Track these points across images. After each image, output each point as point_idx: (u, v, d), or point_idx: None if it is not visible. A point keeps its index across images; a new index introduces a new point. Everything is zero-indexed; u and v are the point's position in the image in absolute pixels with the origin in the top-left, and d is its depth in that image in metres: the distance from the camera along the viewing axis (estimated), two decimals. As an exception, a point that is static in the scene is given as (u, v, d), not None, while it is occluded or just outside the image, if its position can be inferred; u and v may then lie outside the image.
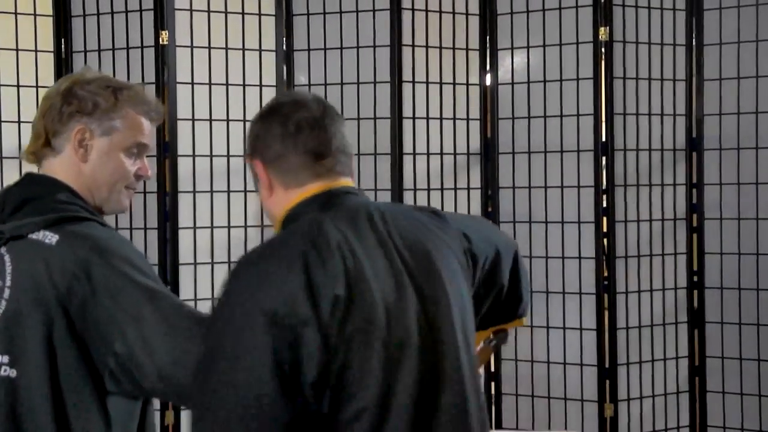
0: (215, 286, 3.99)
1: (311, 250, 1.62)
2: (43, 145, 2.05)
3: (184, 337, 1.85)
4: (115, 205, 2.10)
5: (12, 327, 1.90)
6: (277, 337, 1.53)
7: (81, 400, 1.89)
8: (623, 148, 4.13)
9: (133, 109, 2.07)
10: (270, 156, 1.77)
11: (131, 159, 2.08)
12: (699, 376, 4.28)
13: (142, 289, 1.87)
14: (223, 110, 4.03)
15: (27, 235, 1.94)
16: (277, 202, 1.79)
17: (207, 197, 4.01)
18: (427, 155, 4.11)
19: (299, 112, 1.78)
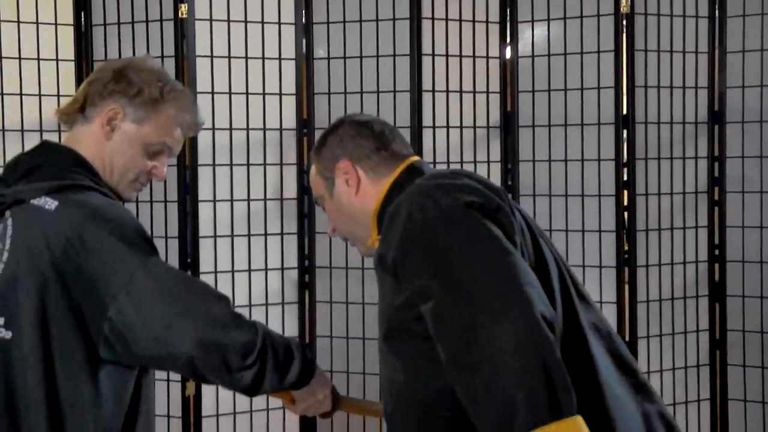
0: (235, 259, 4.01)
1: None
2: (78, 110, 2.09)
3: (178, 302, 1.87)
4: (122, 192, 2.12)
5: (8, 290, 1.94)
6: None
7: (71, 366, 1.92)
8: (644, 121, 4.10)
9: (172, 111, 2.09)
10: (361, 154, 1.95)
11: (150, 156, 2.10)
12: (720, 349, 4.27)
13: (135, 255, 1.89)
14: (243, 83, 4.03)
15: (29, 201, 1.97)
16: (366, 194, 1.95)
17: (227, 170, 4.01)
18: (447, 128, 4.10)
19: (370, 119, 2.03)
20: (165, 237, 3.95)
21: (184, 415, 3.95)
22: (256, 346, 1.92)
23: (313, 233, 4.14)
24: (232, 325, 1.89)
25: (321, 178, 2.03)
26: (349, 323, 4.09)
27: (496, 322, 1.53)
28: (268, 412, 4.06)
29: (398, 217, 1.74)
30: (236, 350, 1.89)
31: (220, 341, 1.87)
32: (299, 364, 2.02)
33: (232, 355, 1.88)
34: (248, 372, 1.92)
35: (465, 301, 1.58)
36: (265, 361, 1.94)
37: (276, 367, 1.96)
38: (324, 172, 2.02)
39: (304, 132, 4.14)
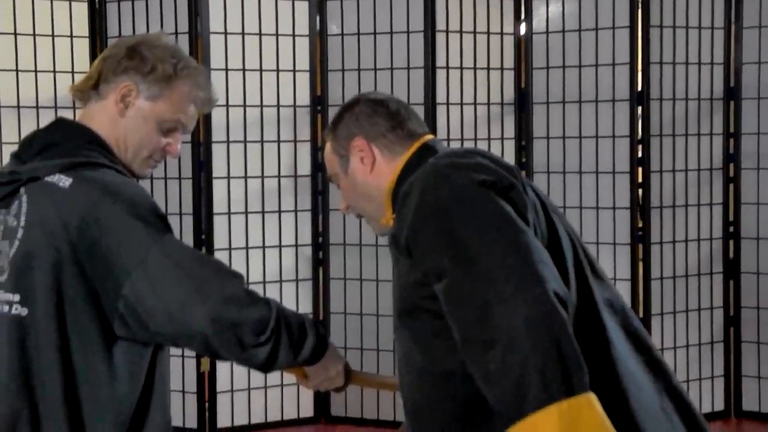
0: (249, 236, 4.01)
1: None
2: (92, 87, 2.08)
3: (192, 280, 1.87)
4: (136, 169, 2.12)
5: (23, 267, 1.94)
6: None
7: (86, 343, 1.92)
8: (659, 97, 4.08)
9: (186, 88, 2.08)
10: (376, 132, 1.92)
11: (164, 133, 2.10)
12: (734, 326, 4.26)
13: (149, 233, 1.89)
14: (257, 60, 4.02)
15: (43, 178, 1.97)
16: (381, 172, 1.92)
17: (241, 147, 4.01)
18: (461, 105, 4.09)
19: (385, 97, 1.98)
20: (179, 214, 3.95)
21: (199, 391, 3.97)
22: (269, 324, 1.92)
23: (327, 210, 4.14)
24: (246, 303, 1.89)
25: (336, 156, 2.03)
26: (363, 300, 4.10)
27: (508, 300, 1.54)
28: (283, 388, 4.08)
29: (411, 197, 1.74)
30: (250, 327, 1.89)
31: (234, 319, 1.87)
32: (312, 341, 2.02)
33: (246, 332, 1.88)
34: (262, 349, 1.92)
35: (478, 279, 1.58)
36: (279, 338, 1.94)
37: (290, 343, 1.97)
38: (339, 150, 2.01)
39: (318, 109, 4.13)
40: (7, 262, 2.01)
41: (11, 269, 2.00)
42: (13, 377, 1.97)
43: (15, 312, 1.98)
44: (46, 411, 1.96)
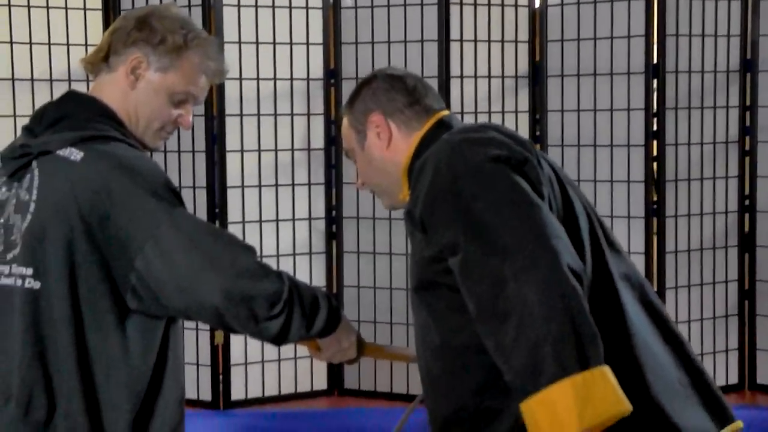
0: (263, 209, 4.00)
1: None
2: (102, 60, 2.07)
3: (204, 254, 1.87)
4: (147, 141, 2.11)
5: (36, 241, 1.94)
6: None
7: (99, 316, 1.92)
8: (675, 70, 4.05)
9: (196, 59, 2.06)
10: (393, 108, 1.93)
11: (176, 105, 2.09)
12: (748, 299, 4.24)
13: (161, 207, 1.88)
14: (270, 33, 4.00)
15: (55, 152, 1.97)
16: (398, 148, 1.93)
17: (254, 121, 4.00)
18: (475, 78, 4.06)
19: (403, 73, 1.97)
20: (193, 187, 3.95)
21: (213, 364, 3.98)
22: (282, 296, 1.91)
23: (341, 183, 4.13)
24: (259, 276, 1.89)
25: (352, 131, 2.03)
26: (377, 273, 4.09)
27: (523, 275, 1.54)
28: (296, 361, 4.08)
29: (426, 172, 1.74)
30: (263, 300, 1.88)
31: (247, 292, 1.87)
32: (325, 314, 2.02)
33: (259, 305, 1.88)
34: (275, 322, 1.92)
35: (492, 254, 1.58)
36: (292, 311, 1.93)
37: (302, 316, 1.96)
38: (356, 125, 2.01)
39: (332, 82, 4.12)
40: (20, 235, 2.01)
41: (24, 243, 2.00)
42: (27, 350, 1.97)
43: (28, 286, 1.98)
44: (61, 383, 1.97)
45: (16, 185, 2.02)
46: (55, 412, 1.96)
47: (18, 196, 2.02)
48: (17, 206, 2.02)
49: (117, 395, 1.97)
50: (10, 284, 1.99)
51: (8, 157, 2.05)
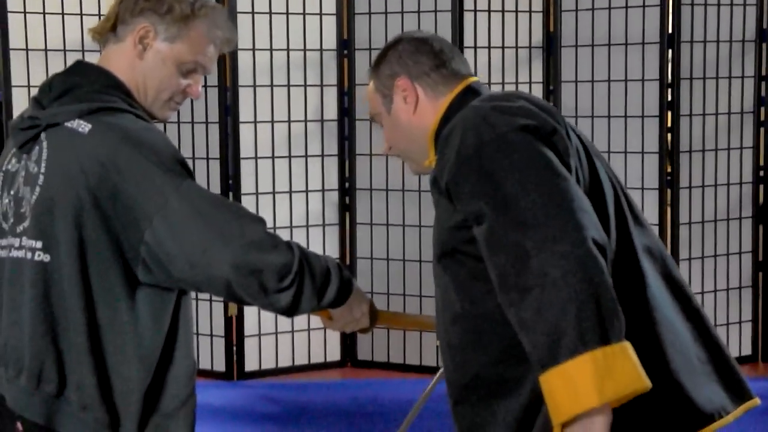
0: (276, 181, 3.98)
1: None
2: (110, 29, 2.05)
3: (213, 226, 1.85)
4: (156, 112, 2.09)
5: (45, 213, 1.93)
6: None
7: (109, 289, 1.91)
8: (690, 39, 3.99)
9: (204, 28, 2.04)
10: (419, 71, 1.89)
11: (184, 74, 2.07)
12: (762, 271, 4.21)
13: (169, 179, 1.86)
14: (283, 3, 3.96)
15: (63, 123, 1.95)
16: (425, 113, 1.90)
17: (267, 92, 3.97)
18: (488, 49, 4.02)
19: (429, 36, 1.94)
20: (206, 158, 3.93)
21: (227, 335, 3.97)
22: (292, 268, 1.89)
23: (354, 155, 4.10)
24: (269, 248, 1.86)
25: (379, 95, 1.99)
26: (390, 245, 4.07)
27: (547, 247, 1.52)
28: (310, 333, 4.07)
29: (453, 140, 1.72)
30: (272, 273, 1.86)
31: (256, 264, 1.85)
32: (336, 285, 2.00)
33: (269, 277, 1.86)
34: (285, 294, 1.90)
35: (517, 225, 1.56)
36: (302, 282, 1.91)
37: (313, 288, 1.94)
38: (382, 89, 1.98)
39: (345, 53, 4.08)
40: (30, 208, 2.00)
41: (33, 215, 1.99)
42: (38, 323, 1.97)
43: (38, 258, 1.97)
44: (71, 356, 1.96)
45: (25, 157, 2.01)
46: (66, 384, 1.96)
47: (27, 168, 2.00)
48: (26, 178, 2.00)
49: (128, 368, 1.96)
50: (21, 257, 1.98)
51: (17, 128, 2.04)
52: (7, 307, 2.02)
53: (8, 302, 2.01)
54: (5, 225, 2.04)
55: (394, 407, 3.83)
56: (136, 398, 1.97)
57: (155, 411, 2.01)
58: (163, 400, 2.01)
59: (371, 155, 4.07)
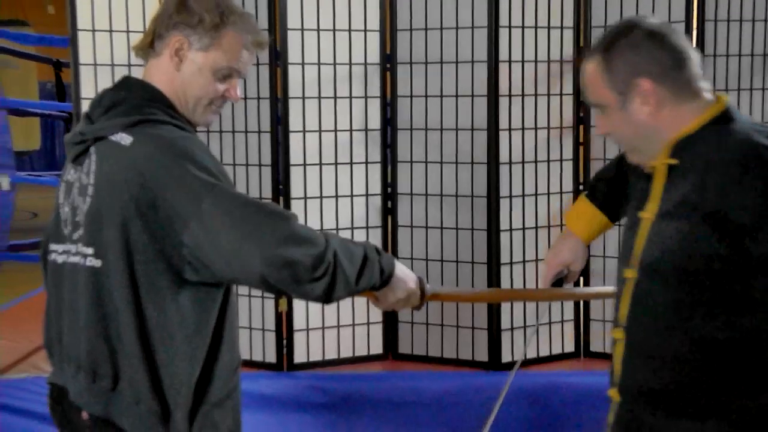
0: (323, 186, 3.96)
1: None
2: (148, 45, 2.08)
3: (244, 226, 1.87)
4: (198, 118, 2.11)
5: (95, 222, 1.97)
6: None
7: (155, 290, 1.95)
8: (713, 54, 3.91)
9: (235, 34, 2.06)
10: (660, 71, 1.73)
11: (221, 80, 2.06)
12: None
13: (203, 185, 1.89)
14: (330, 20, 3.95)
15: (108, 136, 1.97)
16: (664, 118, 1.75)
17: (315, 103, 3.96)
18: (522, 62, 3.98)
19: (664, 28, 1.77)
20: (258, 165, 3.93)
21: (278, 330, 4.00)
22: (324, 259, 1.88)
23: (396, 162, 4.08)
24: (298, 242, 1.86)
25: (609, 91, 1.81)
26: (429, 246, 4.04)
27: None
28: (354, 328, 4.07)
29: (750, 180, 1.63)
30: (304, 265, 1.86)
31: (288, 257, 1.84)
32: (373, 270, 1.98)
33: (301, 269, 1.86)
34: (319, 283, 1.89)
35: None
36: (335, 271, 1.90)
37: (347, 276, 1.93)
38: (615, 85, 1.79)
39: (388, 66, 4.07)
40: (83, 217, 2.04)
41: (85, 224, 2.03)
42: (92, 322, 2.00)
43: (90, 264, 2.01)
44: (123, 354, 1.99)
45: (78, 169, 2.05)
46: (120, 379, 1.99)
47: (80, 179, 2.04)
48: (80, 189, 2.04)
49: (177, 363, 1.99)
50: (77, 262, 2.03)
51: (71, 143, 2.08)
52: (67, 309, 2.06)
53: (68, 305, 2.06)
54: (66, 231, 2.07)
55: (432, 396, 3.83)
56: (185, 391, 2.00)
57: (203, 401, 2.04)
58: (211, 391, 2.04)
59: (411, 162, 4.05)
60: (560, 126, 4.06)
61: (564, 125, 4.06)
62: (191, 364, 1.95)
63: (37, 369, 3.91)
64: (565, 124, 4.07)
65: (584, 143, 4.11)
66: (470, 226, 3.97)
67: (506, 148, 3.94)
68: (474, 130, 3.95)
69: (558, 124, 4.05)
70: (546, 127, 4.02)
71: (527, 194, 4.00)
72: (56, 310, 2.07)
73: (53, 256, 2.07)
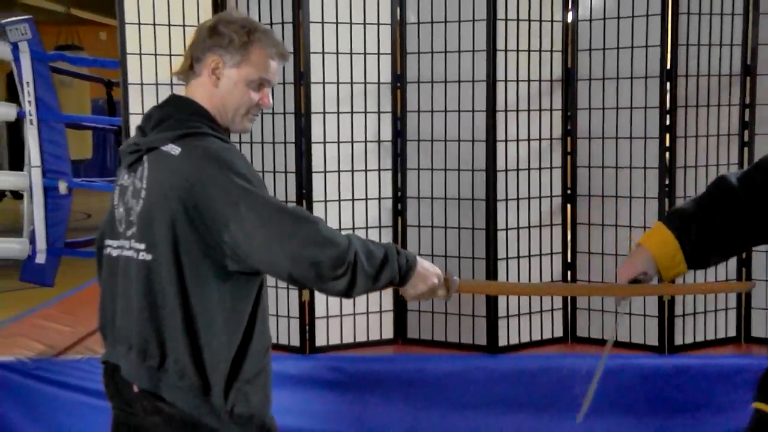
0: (341, 190, 3.98)
1: None
2: (188, 68, 2.11)
3: (275, 229, 1.91)
4: (238, 126, 2.14)
5: (147, 220, 2.00)
6: None
7: (199, 282, 1.99)
8: (685, 74, 3.92)
9: (262, 48, 2.09)
10: None
11: (255, 90, 2.09)
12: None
13: (240, 191, 1.93)
14: (348, 45, 3.97)
15: (159, 147, 2.00)
16: None
17: (335, 117, 3.98)
18: (517, 82, 4.00)
19: None
20: (284, 172, 3.95)
21: (301, 317, 4.00)
22: (345, 259, 1.91)
23: (405, 169, 4.10)
24: (322, 244, 1.90)
25: None
26: (434, 243, 4.05)
27: None
28: (368, 315, 4.07)
29: None
30: (327, 264, 1.89)
31: (312, 257, 1.88)
32: (392, 269, 2.00)
33: (324, 267, 1.90)
34: (341, 281, 1.93)
35: None
36: (355, 270, 1.93)
37: (367, 275, 1.95)
38: None
39: (398, 85, 4.08)
40: (136, 216, 2.07)
41: (138, 223, 2.05)
42: (144, 309, 2.03)
43: (142, 258, 2.03)
44: (170, 335, 2.02)
45: (133, 175, 2.08)
46: (167, 358, 2.01)
47: (134, 184, 2.07)
48: (133, 192, 2.07)
49: (216, 344, 2.02)
50: (130, 256, 2.05)
51: (126, 152, 2.11)
52: (121, 296, 2.09)
53: (122, 292, 2.08)
54: (120, 229, 2.09)
55: (437, 375, 3.83)
56: (223, 368, 2.02)
57: (237, 378, 2.06)
58: (244, 369, 2.06)
59: (419, 169, 4.06)
60: (550, 137, 4.07)
61: (553, 137, 4.08)
62: (228, 345, 1.98)
63: (91, 351, 3.94)
64: (554, 135, 4.08)
65: (571, 153, 4.12)
66: (471, 225, 3.99)
67: (502, 157, 3.96)
68: (474, 141, 3.97)
69: (548, 135, 4.06)
70: (537, 139, 4.04)
71: (521, 197, 4.01)
72: (110, 298, 2.10)
73: (108, 251, 2.10)
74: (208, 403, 1.97)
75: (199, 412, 1.97)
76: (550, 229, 4.08)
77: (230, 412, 1.99)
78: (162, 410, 1.98)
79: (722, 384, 3.74)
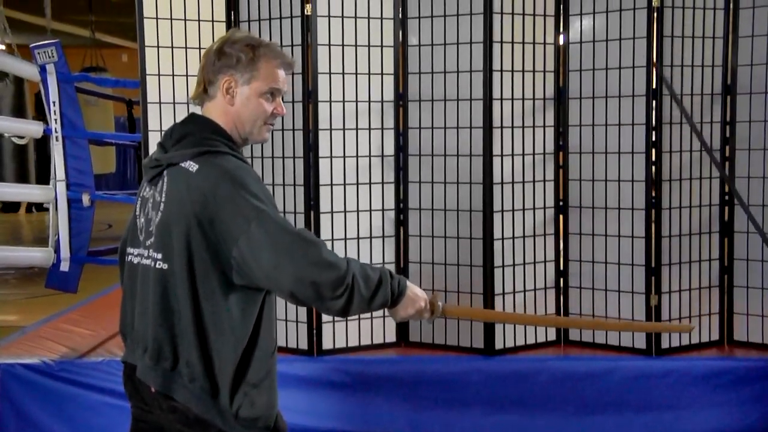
0: (347, 202, 3.97)
1: None
2: (202, 92, 2.10)
3: (282, 249, 1.90)
4: (257, 137, 2.14)
5: (164, 232, 1.99)
6: None
7: (210, 290, 1.98)
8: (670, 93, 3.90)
9: (268, 61, 2.09)
10: None
11: (268, 101, 2.09)
12: (728, 274, 4.10)
13: (252, 209, 1.92)
14: (353, 66, 3.96)
15: (178, 163, 2.00)
16: None
17: (341, 133, 3.97)
18: (512, 100, 3.98)
19: None
20: (294, 185, 3.94)
21: (309, 321, 3.98)
22: (344, 282, 1.91)
23: (407, 182, 4.08)
24: (324, 266, 1.89)
25: None
26: (434, 252, 4.03)
27: None
28: (372, 320, 4.06)
29: None
30: (327, 286, 1.89)
31: (314, 279, 1.88)
32: (384, 293, 2.01)
33: (324, 289, 1.89)
34: (338, 301, 1.92)
35: None
36: (352, 293, 1.93)
37: (362, 297, 1.96)
38: None
39: (400, 103, 4.07)
40: (155, 227, 2.06)
41: (157, 233, 2.05)
42: (158, 314, 2.02)
43: (159, 266, 2.03)
44: (182, 340, 2.01)
45: (153, 188, 2.07)
46: (179, 361, 2.00)
47: (154, 196, 2.07)
48: (153, 204, 2.06)
49: (225, 349, 2.01)
50: (148, 264, 2.04)
51: (148, 167, 2.11)
52: (139, 301, 2.08)
53: (140, 298, 2.08)
54: (141, 238, 2.09)
55: (438, 377, 3.81)
56: (230, 371, 2.01)
57: (243, 382, 2.05)
58: (250, 373, 2.05)
59: (420, 182, 4.05)
60: (543, 152, 4.05)
61: (546, 152, 4.06)
62: (235, 351, 1.97)
63: (111, 353, 3.93)
64: (548, 150, 4.07)
65: (563, 166, 4.10)
66: (469, 235, 3.97)
67: (499, 171, 3.94)
68: (472, 155, 3.95)
69: (542, 150, 4.05)
70: (531, 153, 4.02)
71: (516, 209, 3.99)
72: (130, 301, 2.09)
73: (130, 258, 2.10)
74: (216, 406, 1.96)
75: (210, 414, 1.96)
76: (543, 239, 4.06)
77: (236, 415, 1.98)
78: (177, 409, 1.98)
79: (705, 384, 3.73)
